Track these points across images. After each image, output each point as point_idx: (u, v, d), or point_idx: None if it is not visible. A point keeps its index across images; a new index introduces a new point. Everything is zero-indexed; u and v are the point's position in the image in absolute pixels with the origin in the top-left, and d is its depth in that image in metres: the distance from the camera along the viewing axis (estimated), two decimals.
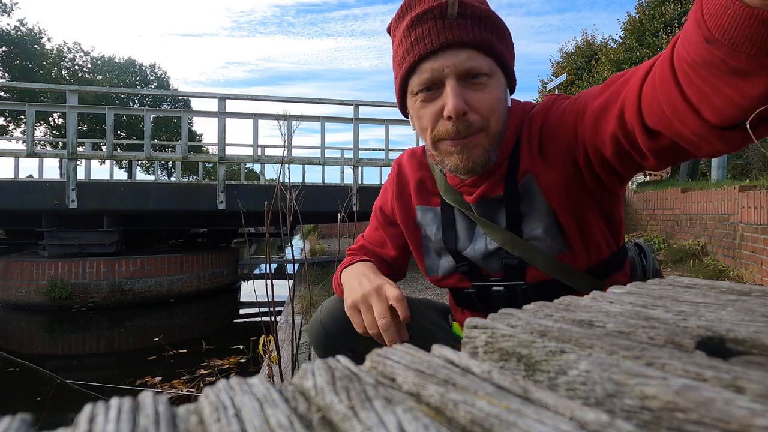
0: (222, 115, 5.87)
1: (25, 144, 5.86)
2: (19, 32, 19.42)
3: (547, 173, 0.70)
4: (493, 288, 0.78)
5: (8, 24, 19.34)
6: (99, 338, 5.30)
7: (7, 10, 18.98)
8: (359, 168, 6.32)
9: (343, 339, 0.84)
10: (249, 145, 6.69)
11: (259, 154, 7.10)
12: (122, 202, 5.91)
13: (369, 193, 6.19)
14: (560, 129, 0.68)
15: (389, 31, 0.74)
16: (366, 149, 9.12)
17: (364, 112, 6.33)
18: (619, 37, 13.12)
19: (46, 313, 5.92)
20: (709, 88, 0.42)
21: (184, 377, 3.21)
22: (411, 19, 0.66)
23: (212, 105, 5.96)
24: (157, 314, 6.07)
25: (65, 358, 4.59)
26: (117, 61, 26.78)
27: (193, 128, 27.88)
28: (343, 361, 0.22)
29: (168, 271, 6.65)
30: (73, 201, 5.59)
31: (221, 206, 5.86)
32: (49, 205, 5.67)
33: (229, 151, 6.97)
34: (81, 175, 7.11)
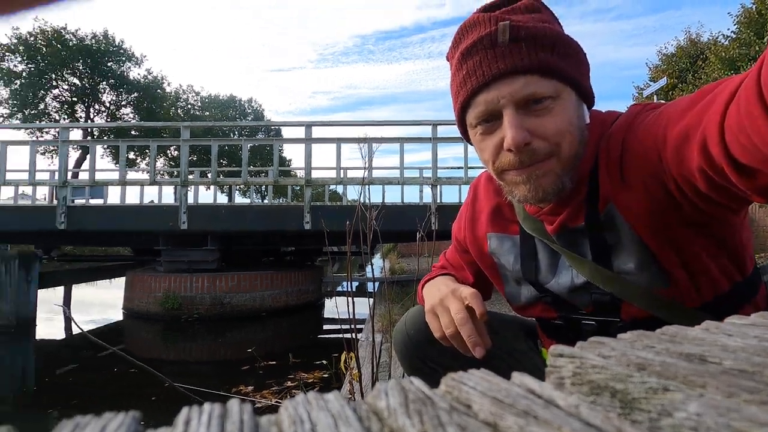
0: (308, 141, 6.28)
1: (148, 174, 6.80)
2: (146, 80, 23.02)
3: (629, 200, 0.61)
4: (584, 321, 0.70)
5: (139, 73, 23.07)
6: (202, 347, 5.87)
7: (139, 62, 22.65)
8: (438, 187, 6.30)
9: (426, 346, 0.84)
10: (333, 168, 7.07)
11: (342, 176, 7.43)
12: (224, 223, 6.56)
13: (448, 211, 6.12)
14: (643, 151, 0.59)
15: (448, 59, 0.71)
16: (445, 168, 9.07)
17: (442, 131, 6.33)
18: (732, 32, 11.64)
19: (161, 322, 6.72)
20: None
21: (273, 388, 3.39)
22: (461, 52, 0.63)
23: (300, 132, 6.54)
24: (251, 327, 6.56)
25: (175, 363, 5.14)
26: (221, 98, 30.31)
27: (283, 154, 30.21)
28: (416, 383, 0.22)
29: (260, 287, 7.20)
30: (183, 223, 6.32)
31: (307, 226, 6.21)
32: (165, 227, 6.48)
33: (315, 174, 7.41)
34: (190, 200, 8.03)
